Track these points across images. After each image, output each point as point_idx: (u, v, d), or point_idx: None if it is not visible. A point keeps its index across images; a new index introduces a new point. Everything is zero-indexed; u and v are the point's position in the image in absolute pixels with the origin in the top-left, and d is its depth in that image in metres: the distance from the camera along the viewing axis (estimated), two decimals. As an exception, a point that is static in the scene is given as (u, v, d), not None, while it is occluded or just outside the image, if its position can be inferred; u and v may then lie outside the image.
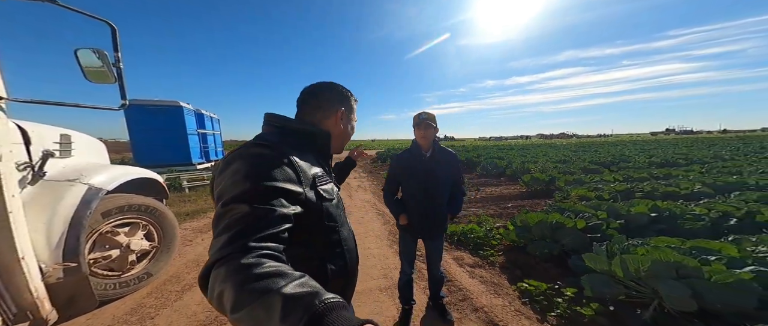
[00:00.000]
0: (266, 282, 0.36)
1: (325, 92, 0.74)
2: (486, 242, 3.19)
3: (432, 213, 1.60)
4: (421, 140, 1.57)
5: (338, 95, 0.76)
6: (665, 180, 4.63)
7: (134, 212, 2.04)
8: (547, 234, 2.71)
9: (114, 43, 1.44)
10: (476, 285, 2.37)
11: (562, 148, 19.27)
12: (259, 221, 0.46)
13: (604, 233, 2.44)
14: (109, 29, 1.41)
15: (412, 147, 1.64)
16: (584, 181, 5.42)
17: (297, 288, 0.36)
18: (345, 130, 0.78)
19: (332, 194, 0.67)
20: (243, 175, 0.50)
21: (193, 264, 2.69)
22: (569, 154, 13.25)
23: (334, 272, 0.65)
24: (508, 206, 4.91)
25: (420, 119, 1.54)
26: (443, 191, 1.62)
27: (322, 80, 0.79)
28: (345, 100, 0.77)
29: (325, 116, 0.74)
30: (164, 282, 2.31)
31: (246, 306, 0.35)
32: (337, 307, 0.34)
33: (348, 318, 0.33)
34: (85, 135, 2.15)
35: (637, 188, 3.99)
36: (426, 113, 1.55)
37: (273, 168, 0.53)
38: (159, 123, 6.67)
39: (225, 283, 0.38)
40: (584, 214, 2.71)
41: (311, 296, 0.35)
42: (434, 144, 1.60)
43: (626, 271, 1.68)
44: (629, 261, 1.65)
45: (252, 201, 0.47)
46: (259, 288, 0.36)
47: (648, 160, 8.53)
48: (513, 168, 8.35)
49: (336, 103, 0.75)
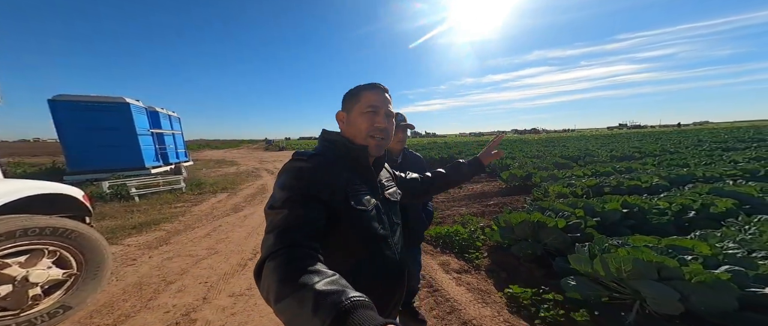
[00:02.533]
0: (303, 277, 0.42)
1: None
2: (471, 243, 3.14)
3: (409, 222, 1.52)
4: (395, 144, 1.45)
5: (343, 102, 0.75)
6: (628, 174, 4.99)
7: (34, 236, 1.62)
8: (530, 234, 2.70)
9: None
10: (464, 294, 2.27)
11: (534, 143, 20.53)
12: (297, 221, 0.54)
13: (584, 232, 2.47)
14: None
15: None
16: (558, 176, 5.69)
17: (328, 286, 0.41)
18: (351, 127, 0.72)
19: (365, 205, 0.67)
20: (282, 185, 0.60)
21: (134, 288, 2.25)
22: (541, 149, 14.08)
23: (366, 279, 0.64)
24: (491, 204, 4.98)
25: (396, 122, 1.37)
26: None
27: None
28: (344, 102, 0.74)
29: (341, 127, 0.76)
30: (90, 314, 1.90)
31: (285, 298, 0.41)
32: (363, 305, 0.38)
33: (371, 316, 0.37)
34: None
35: (605, 182, 4.22)
36: (400, 115, 1.40)
37: (305, 179, 0.60)
38: (99, 122, 5.69)
39: (270, 277, 0.45)
40: (563, 213, 2.74)
41: (339, 294, 0.39)
42: (404, 148, 1.49)
43: (608, 271, 1.66)
44: (610, 261, 1.63)
45: (290, 207, 0.56)
46: (296, 283, 0.42)
47: (609, 154, 9.31)
48: (492, 165, 8.62)
49: (340, 111, 0.75)
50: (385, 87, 0.72)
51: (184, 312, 1.92)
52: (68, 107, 5.41)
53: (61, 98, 5.43)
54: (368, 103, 0.68)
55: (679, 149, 9.76)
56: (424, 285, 2.42)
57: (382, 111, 0.69)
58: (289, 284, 0.42)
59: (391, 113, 0.71)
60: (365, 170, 0.72)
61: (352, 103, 0.71)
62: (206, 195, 5.87)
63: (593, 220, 2.61)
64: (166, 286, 2.29)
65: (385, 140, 0.71)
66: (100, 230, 3.55)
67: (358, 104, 0.70)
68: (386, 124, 0.70)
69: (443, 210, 4.73)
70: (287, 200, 0.57)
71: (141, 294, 2.15)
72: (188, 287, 2.27)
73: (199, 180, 7.05)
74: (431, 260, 2.92)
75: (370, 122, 0.68)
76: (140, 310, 1.95)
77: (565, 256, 2.26)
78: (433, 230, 3.51)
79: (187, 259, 2.82)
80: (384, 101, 0.70)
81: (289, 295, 0.40)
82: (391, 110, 0.71)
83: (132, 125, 6.03)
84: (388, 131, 0.71)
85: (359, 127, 0.69)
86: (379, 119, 0.68)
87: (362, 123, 0.68)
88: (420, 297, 2.24)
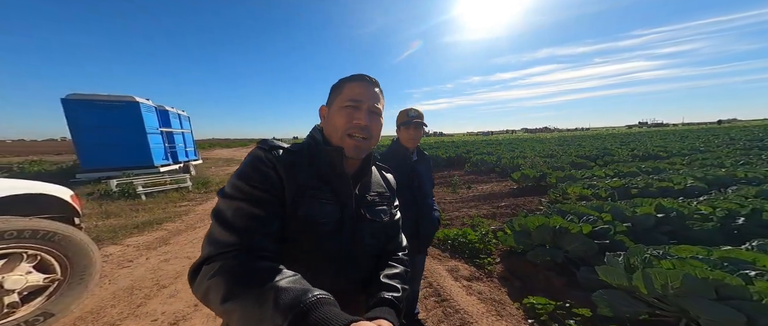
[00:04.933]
0: (261, 275, 0.41)
1: None
2: (482, 248, 2.91)
3: (423, 224, 1.42)
4: (408, 142, 1.37)
5: (328, 95, 0.66)
6: (656, 175, 4.57)
7: (11, 240, 1.51)
8: (549, 240, 2.44)
9: None
10: (475, 305, 2.05)
11: (547, 142, 19.76)
12: (251, 220, 0.49)
13: (613, 239, 2.19)
14: None
15: (397, 149, 1.42)
16: (576, 177, 5.32)
17: (290, 284, 0.40)
18: (329, 124, 0.63)
19: (317, 216, 0.57)
20: (239, 174, 0.54)
21: (125, 292, 2.15)
22: (554, 148, 13.48)
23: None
24: (502, 205, 4.70)
25: (409, 118, 1.31)
26: (430, 197, 1.49)
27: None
28: (329, 95, 0.65)
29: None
30: (74, 321, 1.79)
31: (238, 297, 0.39)
32: (328, 303, 0.38)
33: (336, 313, 0.37)
34: None
35: (631, 184, 3.86)
36: (416, 111, 1.34)
37: (262, 172, 0.54)
38: (109, 121, 5.78)
39: (220, 275, 0.41)
40: (588, 217, 2.47)
41: (303, 291, 0.38)
42: (417, 146, 1.44)
43: (651, 288, 1.40)
44: (655, 277, 1.37)
45: (245, 200, 0.51)
46: (253, 281, 0.40)
47: (631, 153, 8.73)
48: (502, 165, 8.24)
49: (323, 105, 0.66)
50: (374, 79, 0.61)
51: (173, 321, 1.80)
52: (80, 106, 5.53)
53: (73, 97, 5.57)
54: (350, 96, 0.58)
55: (710, 148, 9.03)
56: (431, 294, 2.22)
57: (365, 106, 0.58)
58: (244, 281, 0.40)
59: (376, 110, 0.61)
60: (338, 178, 0.60)
61: (334, 96, 0.61)
62: (212, 194, 5.85)
63: (623, 225, 2.32)
64: (159, 291, 2.18)
65: (368, 140, 0.60)
66: (104, 230, 3.56)
67: (339, 97, 0.60)
68: (368, 122, 0.58)
69: (451, 212, 4.50)
70: (242, 191, 0.51)
71: (131, 300, 2.05)
72: (181, 291, 2.16)
73: (206, 178, 7.08)
74: (439, 265, 2.71)
75: (347, 119, 0.58)
76: (127, 317, 1.84)
77: (591, 265, 2.00)
78: (440, 233, 3.30)
79: (184, 261, 2.73)
80: (369, 96, 0.59)
81: (244, 293, 0.39)
82: (377, 107, 0.60)
83: (141, 123, 6.11)
84: (371, 130, 0.60)
85: (336, 123, 0.59)
86: (360, 115, 0.58)
87: (339, 119, 0.58)
88: (426, 308, 2.04)
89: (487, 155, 10.44)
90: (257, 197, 0.51)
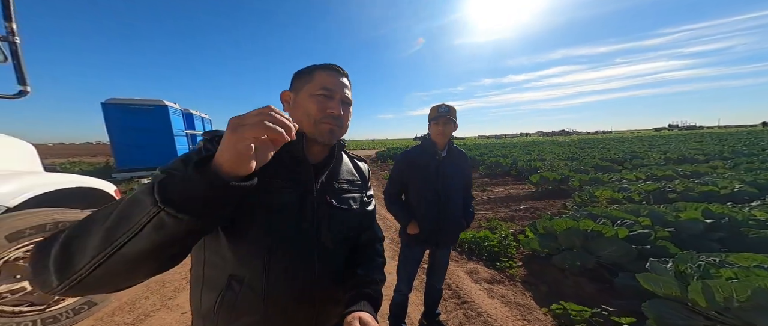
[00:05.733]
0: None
1: None
2: (502, 251, 2.78)
3: (445, 220, 1.39)
4: (437, 137, 1.37)
5: (291, 81, 0.64)
6: (697, 178, 4.19)
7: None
8: (579, 244, 2.28)
9: (5, 11, 1.05)
10: (498, 308, 1.94)
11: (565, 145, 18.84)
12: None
13: (654, 245, 2.01)
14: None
15: (426, 144, 1.43)
16: (603, 180, 5.00)
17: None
18: (297, 110, 0.60)
19: (270, 201, 0.54)
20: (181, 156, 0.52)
21: (157, 285, 2.25)
22: (575, 151, 12.84)
23: (249, 287, 0.53)
24: (520, 209, 4.50)
25: (439, 113, 1.31)
26: (458, 195, 1.46)
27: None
28: (293, 81, 0.63)
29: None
30: (113, 311, 1.87)
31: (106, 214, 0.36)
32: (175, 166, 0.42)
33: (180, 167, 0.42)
34: (1, 135, 1.73)
35: (668, 188, 3.56)
36: (446, 106, 1.34)
37: (187, 158, 0.49)
38: (142, 124, 6.18)
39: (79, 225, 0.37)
40: (623, 220, 2.28)
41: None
42: (449, 142, 1.43)
43: (712, 301, 1.24)
44: (717, 290, 1.22)
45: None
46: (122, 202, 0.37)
47: (663, 156, 8.11)
48: (518, 167, 7.94)
49: (285, 91, 0.64)
50: (343, 70, 0.61)
51: None
52: (117, 110, 5.98)
53: (111, 101, 6.05)
54: (322, 84, 0.57)
55: (754, 152, 8.20)
56: (450, 296, 2.13)
57: (337, 96, 0.58)
58: (87, 216, 0.37)
59: (347, 100, 0.61)
60: (298, 165, 0.58)
61: (303, 82, 0.59)
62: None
63: (665, 231, 2.12)
64: (187, 284, 2.25)
65: (340, 128, 0.60)
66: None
67: (309, 84, 0.58)
68: (340, 111, 0.58)
69: (467, 214, 4.37)
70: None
71: (163, 292, 2.13)
72: None
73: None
74: (457, 267, 2.61)
75: (321, 107, 0.56)
76: (160, 309, 1.91)
77: (629, 272, 1.83)
78: (457, 235, 3.20)
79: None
80: (340, 86, 0.59)
81: (92, 224, 0.35)
82: (347, 97, 0.60)
83: (169, 126, 6.50)
84: (342, 120, 0.60)
85: (308, 110, 0.57)
86: (334, 104, 0.57)
87: (312, 106, 0.57)
88: (446, 310, 1.96)
89: (502, 157, 10.10)
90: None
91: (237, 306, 0.52)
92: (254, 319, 0.53)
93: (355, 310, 0.52)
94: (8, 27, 1.07)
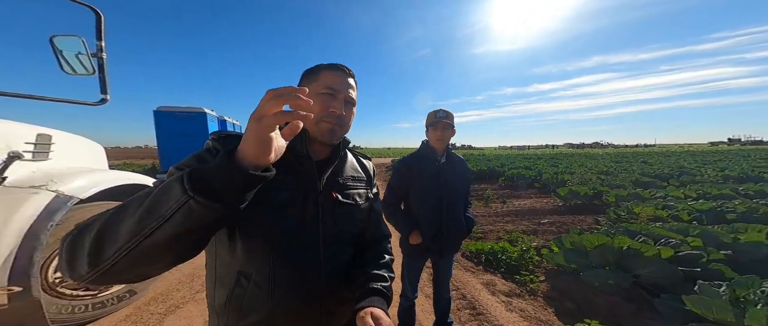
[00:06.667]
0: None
1: None
2: (523, 264, 2.62)
3: (448, 227, 1.37)
4: (436, 143, 1.36)
5: (300, 80, 0.64)
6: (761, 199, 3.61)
7: None
8: (612, 261, 2.08)
9: (98, 31, 1.28)
10: (517, 322, 1.83)
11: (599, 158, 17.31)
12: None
13: (705, 267, 1.78)
14: (93, 16, 1.25)
15: (424, 150, 1.43)
16: (644, 196, 4.50)
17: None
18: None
19: (270, 199, 0.54)
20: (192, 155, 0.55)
21: (187, 278, 2.43)
22: (610, 165, 11.76)
23: (255, 284, 0.54)
24: (544, 222, 4.21)
25: (437, 119, 1.32)
26: (460, 200, 1.44)
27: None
28: (300, 80, 0.64)
29: None
30: (148, 301, 2.04)
31: (135, 206, 0.36)
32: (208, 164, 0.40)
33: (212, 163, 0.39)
34: (76, 136, 1.98)
35: (726, 207, 3.11)
36: (444, 112, 1.34)
37: (197, 157, 0.54)
38: (184, 129, 6.92)
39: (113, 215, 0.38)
40: (668, 240, 2.05)
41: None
42: (447, 148, 1.42)
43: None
44: None
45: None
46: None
47: (720, 173, 7.11)
48: (542, 180, 7.45)
49: None
50: (349, 70, 0.62)
51: None
52: (166, 117, 6.85)
53: (162, 109, 6.96)
54: (326, 83, 0.58)
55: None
56: (464, 306, 2.04)
57: (341, 96, 0.59)
58: (120, 206, 0.38)
59: (351, 100, 0.61)
60: (301, 163, 0.59)
61: (309, 82, 0.61)
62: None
63: (720, 253, 1.86)
64: None
65: (341, 128, 0.60)
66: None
67: (315, 83, 0.59)
68: (343, 111, 0.59)
69: (484, 225, 4.17)
70: (170, 175, 0.48)
71: (192, 285, 2.30)
72: None
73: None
74: (473, 278, 2.50)
75: (324, 106, 0.57)
76: (188, 302, 2.06)
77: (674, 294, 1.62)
78: (471, 246, 3.08)
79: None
80: (345, 85, 0.60)
81: (123, 212, 0.36)
82: (352, 97, 0.61)
83: (206, 131, 7.26)
84: (344, 120, 0.60)
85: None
86: (337, 104, 0.58)
87: (315, 105, 0.58)
88: (460, 320, 1.88)
89: (525, 169, 9.58)
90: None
91: (245, 304, 0.53)
92: (261, 317, 0.53)
93: (367, 306, 0.52)
94: (98, 44, 1.29)
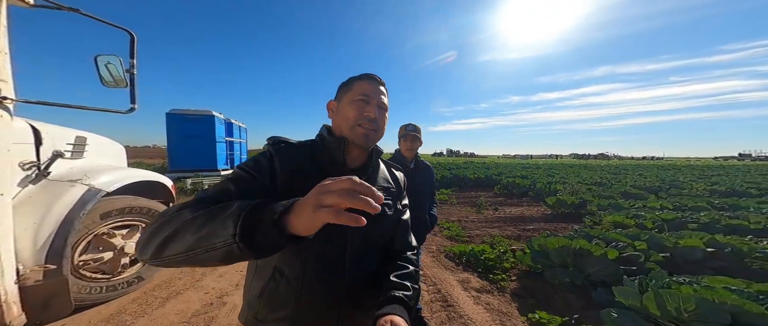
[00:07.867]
0: (210, 207, 0.44)
1: None
2: (498, 265, 2.87)
3: (416, 225, 1.61)
4: (406, 152, 1.67)
5: (336, 93, 0.72)
6: (730, 212, 3.84)
7: (135, 214, 2.00)
8: (570, 262, 2.34)
9: (131, 50, 1.50)
10: (480, 313, 2.08)
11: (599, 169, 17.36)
12: (221, 191, 0.54)
13: (642, 266, 2.04)
14: (128, 37, 1.49)
15: (397, 157, 1.70)
16: (622, 206, 4.75)
17: (228, 204, 0.43)
18: (339, 116, 0.67)
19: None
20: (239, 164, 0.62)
21: (189, 268, 2.63)
22: (607, 176, 11.89)
23: (287, 280, 0.58)
24: (529, 229, 4.44)
25: (407, 132, 1.64)
26: (425, 201, 1.69)
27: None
28: (337, 93, 0.71)
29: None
30: (154, 287, 2.27)
31: (184, 231, 0.41)
32: (263, 204, 0.41)
33: (272, 207, 0.40)
34: (104, 138, 2.24)
35: (690, 218, 3.36)
36: (413, 125, 1.62)
37: (255, 159, 0.61)
38: (193, 131, 7.27)
39: (170, 222, 0.44)
40: (617, 243, 2.32)
41: (242, 203, 0.42)
42: (416, 156, 1.69)
43: (663, 310, 1.34)
44: (668, 298, 1.33)
45: (228, 179, 0.57)
46: (198, 215, 0.43)
47: (709, 187, 7.27)
48: (536, 189, 7.67)
49: (331, 100, 0.72)
50: (380, 79, 0.67)
51: (219, 295, 2.22)
52: (177, 119, 7.26)
53: (174, 111, 7.40)
54: (360, 91, 0.64)
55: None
56: (437, 299, 2.31)
57: (374, 101, 0.64)
58: (191, 217, 0.42)
59: (383, 106, 0.66)
60: (338, 169, 0.64)
61: (344, 91, 0.67)
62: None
63: (659, 255, 2.13)
64: (212, 270, 2.66)
65: (375, 131, 0.64)
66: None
67: (349, 92, 0.65)
68: (376, 115, 0.63)
69: (472, 230, 4.42)
70: (233, 174, 0.58)
71: (193, 275, 2.54)
72: (228, 273, 2.63)
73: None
74: (451, 276, 2.76)
75: (359, 111, 0.62)
76: (189, 289, 2.30)
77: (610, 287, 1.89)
78: (456, 248, 3.33)
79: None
80: (377, 92, 0.65)
81: (190, 226, 0.41)
82: (384, 103, 0.66)
83: (213, 133, 7.65)
84: (379, 123, 0.64)
85: (347, 115, 0.63)
86: (370, 108, 0.63)
87: (351, 111, 0.62)
88: (431, 310, 2.15)
89: (521, 178, 9.79)
90: (239, 177, 0.57)
91: (275, 298, 0.57)
92: (287, 313, 0.57)
93: (387, 313, 0.52)
94: (131, 62, 1.49)
